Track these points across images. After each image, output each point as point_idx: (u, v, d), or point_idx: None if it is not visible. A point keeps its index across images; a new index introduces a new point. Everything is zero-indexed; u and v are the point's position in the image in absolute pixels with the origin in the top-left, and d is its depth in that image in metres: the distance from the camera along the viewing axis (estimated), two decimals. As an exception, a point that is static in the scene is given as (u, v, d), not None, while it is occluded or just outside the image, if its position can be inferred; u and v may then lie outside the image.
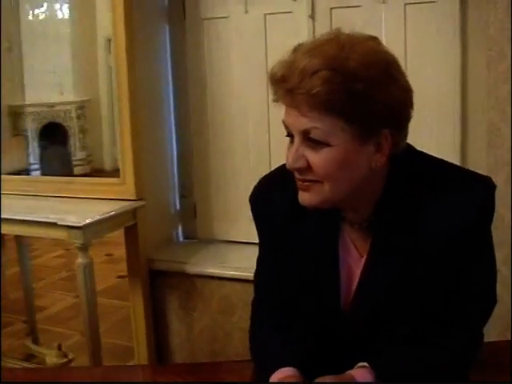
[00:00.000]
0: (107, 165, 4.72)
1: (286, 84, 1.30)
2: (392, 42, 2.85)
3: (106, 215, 3.18)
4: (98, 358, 3.16)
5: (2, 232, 3.86)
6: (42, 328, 4.39)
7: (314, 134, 1.29)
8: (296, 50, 1.33)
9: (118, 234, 3.48)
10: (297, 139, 1.33)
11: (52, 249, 6.21)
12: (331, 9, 3.07)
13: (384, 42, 1.38)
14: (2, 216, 3.33)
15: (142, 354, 3.44)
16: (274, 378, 1.42)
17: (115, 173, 3.49)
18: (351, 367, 1.39)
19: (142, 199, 3.36)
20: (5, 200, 3.67)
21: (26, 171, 4.45)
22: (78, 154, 4.82)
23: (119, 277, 5.10)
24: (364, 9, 3.02)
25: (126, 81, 3.27)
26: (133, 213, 3.34)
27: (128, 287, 3.51)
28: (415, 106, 1.37)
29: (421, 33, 2.96)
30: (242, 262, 3.20)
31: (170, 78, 3.64)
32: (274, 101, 1.36)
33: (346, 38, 1.32)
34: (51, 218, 3.14)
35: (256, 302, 1.69)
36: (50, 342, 4.07)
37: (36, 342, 4.18)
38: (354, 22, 2.91)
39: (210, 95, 3.53)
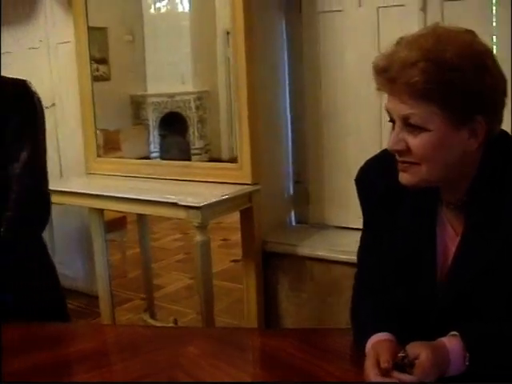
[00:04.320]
0: (224, 154, 4.87)
1: (387, 74, 1.42)
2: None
3: (223, 197, 3.31)
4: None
5: (128, 211, 4.08)
6: (158, 305, 4.62)
7: (412, 120, 1.40)
8: (398, 43, 1.44)
9: (235, 220, 3.63)
10: (397, 124, 1.44)
11: (170, 232, 6.49)
12: (443, 2, 3.09)
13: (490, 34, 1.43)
14: (127, 196, 3.55)
15: (253, 333, 3.55)
16: (371, 341, 1.51)
17: (232, 162, 3.63)
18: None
19: (258, 184, 3.48)
20: (128, 182, 3.90)
21: (146, 159, 4.64)
22: (196, 143, 5.00)
23: (233, 261, 5.28)
24: (474, 3, 3.03)
25: (244, 73, 3.41)
26: (248, 196, 3.46)
27: (241, 271, 3.66)
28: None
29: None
30: (352, 247, 3.19)
31: (286, 69, 3.74)
32: (378, 89, 1.48)
33: (443, 31, 1.42)
34: (172, 199, 3.29)
35: (358, 276, 1.79)
36: (166, 318, 4.26)
37: (153, 317, 4.40)
38: (464, 16, 2.94)
39: (325, 86, 3.61)
